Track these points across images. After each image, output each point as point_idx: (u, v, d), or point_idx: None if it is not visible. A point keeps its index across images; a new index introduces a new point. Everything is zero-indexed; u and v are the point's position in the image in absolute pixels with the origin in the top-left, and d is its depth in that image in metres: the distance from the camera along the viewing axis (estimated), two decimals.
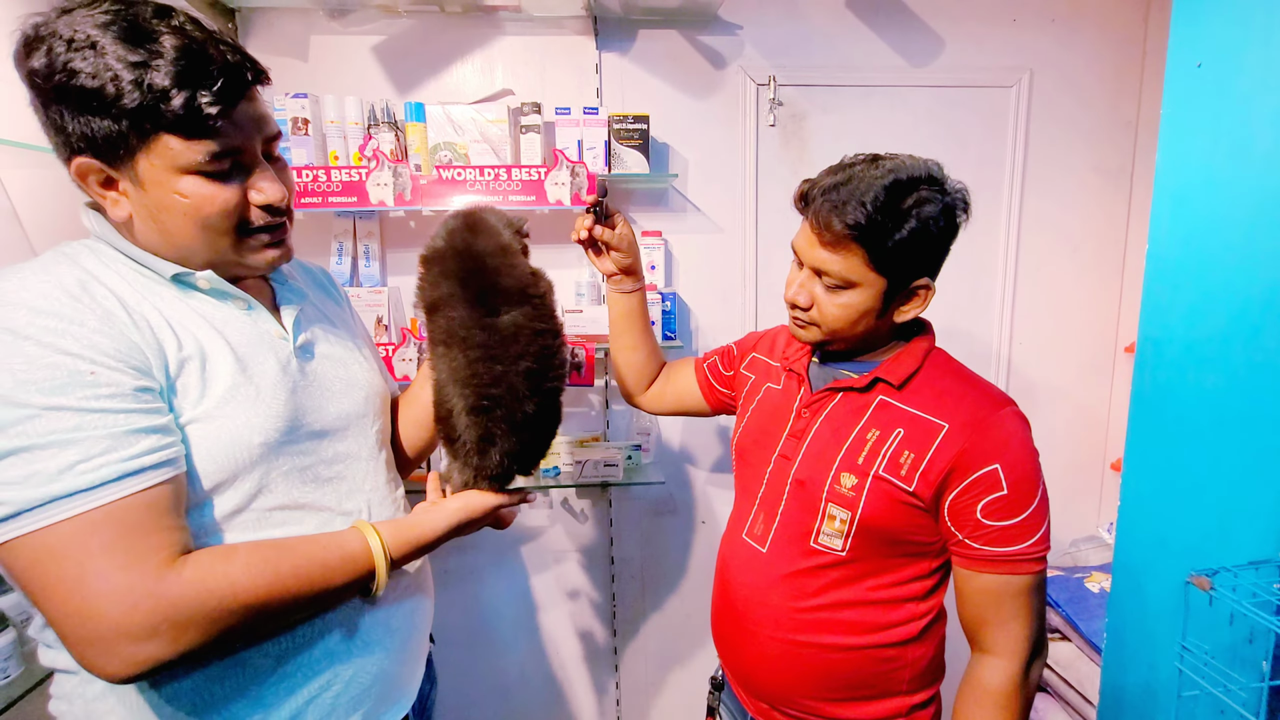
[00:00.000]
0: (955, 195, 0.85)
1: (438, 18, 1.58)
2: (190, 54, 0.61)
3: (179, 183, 0.64)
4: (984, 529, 0.83)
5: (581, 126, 1.53)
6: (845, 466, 0.88)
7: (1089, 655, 1.51)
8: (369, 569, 0.70)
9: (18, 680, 1.01)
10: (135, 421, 0.59)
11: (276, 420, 0.70)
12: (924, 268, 0.87)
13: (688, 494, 1.84)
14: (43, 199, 1.31)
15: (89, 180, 0.65)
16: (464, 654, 1.84)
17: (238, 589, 0.61)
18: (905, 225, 0.81)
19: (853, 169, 0.85)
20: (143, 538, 0.58)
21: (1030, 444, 0.86)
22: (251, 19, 1.55)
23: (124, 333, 0.61)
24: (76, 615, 0.56)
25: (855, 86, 1.69)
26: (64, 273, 0.63)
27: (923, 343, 0.94)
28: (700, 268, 1.75)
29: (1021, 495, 0.83)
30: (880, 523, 0.87)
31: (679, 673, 1.92)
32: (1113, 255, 1.80)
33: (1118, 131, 1.74)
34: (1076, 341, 1.83)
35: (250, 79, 0.66)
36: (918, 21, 1.68)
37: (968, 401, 0.87)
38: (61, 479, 0.55)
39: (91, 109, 0.60)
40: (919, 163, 0.84)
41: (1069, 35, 1.69)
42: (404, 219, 1.65)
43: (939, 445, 0.84)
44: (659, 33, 1.64)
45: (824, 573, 0.91)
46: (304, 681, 0.72)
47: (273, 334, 0.75)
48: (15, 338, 0.56)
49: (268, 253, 0.73)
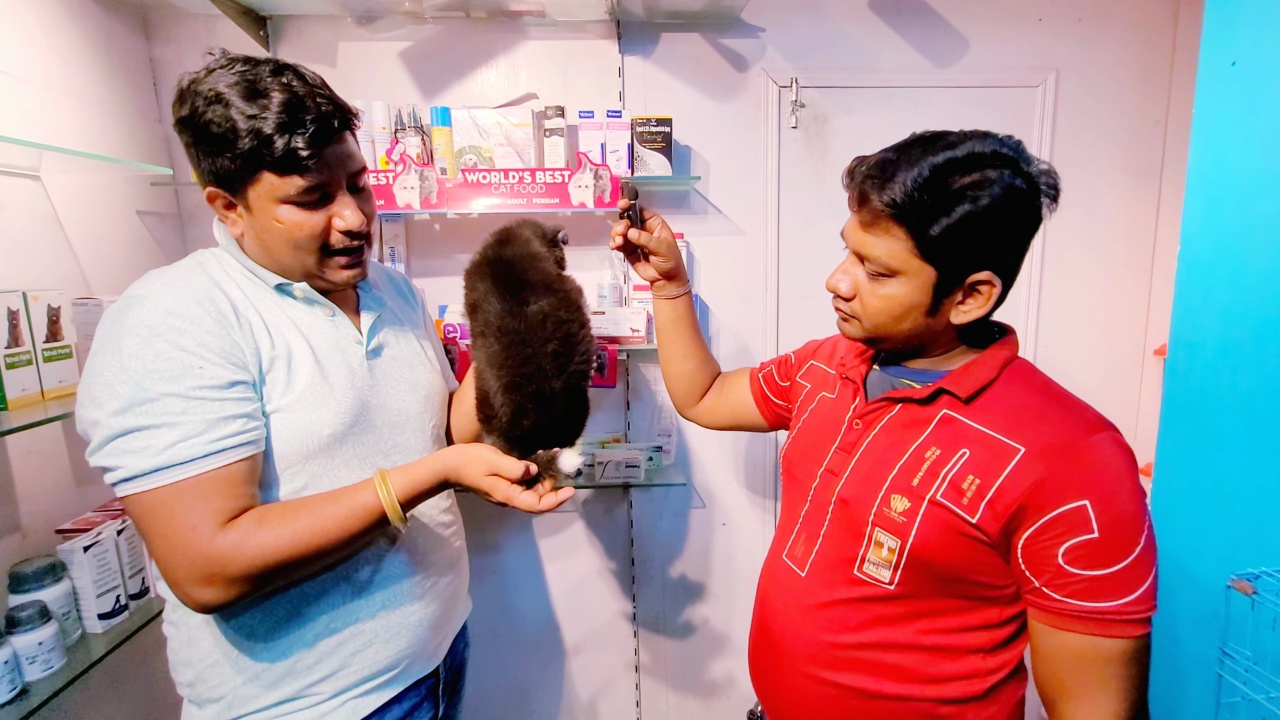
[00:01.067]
0: (1033, 177, 0.72)
1: (463, 23, 1.61)
2: (290, 107, 0.74)
3: (277, 210, 0.78)
4: (1068, 578, 0.69)
5: (605, 129, 1.54)
6: (897, 488, 0.77)
7: None
8: (380, 513, 0.78)
9: (60, 671, 1.04)
10: (227, 409, 0.73)
11: (344, 415, 0.83)
12: (984, 259, 0.73)
13: (710, 496, 1.84)
14: (82, 203, 1.34)
15: (216, 203, 0.80)
16: (484, 651, 1.86)
17: (265, 549, 0.72)
18: (956, 208, 0.70)
19: (910, 144, 0.75)
20: (212, 504, 0.71)
21: (1132, 478, 0.70)
22: (283, 26, 1.59)
23: (230, 334, 0.76)
24: (162, 561, 0.72)
25: (878, 88, 1.69)
26: (194, 280, 0.78)
27: (1001, 351, 0.80)
28: (721, 270, 1.75)
29: (1117, 539, 0.68)
30: (935, 556, 0.74)
31: (699, 675, 1.92)
32: (1141, 257, 1.77)
33: (1146, 131, 1.72)
34: (1103, 344, 1.80)
35: (338, 125, 0.78)
36: (941, 22, 1.67)
37: (1052, 422, 0.72)
38: (165, 453, 0.70)
39: (218, 150, 0.75)
40: (986, 138, 0.73)
41: (1096, 34, 1.68)
42: (429, 222, 1.67)
43: (1011, 472, 0.71)
44: (681, 35, 1.65)
45: (868, 606, 0.80)
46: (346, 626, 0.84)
47: (350, 339, 0.88)
48: (152, 334, 0.71)
49: (345, 272, 0.85)
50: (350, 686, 0.85)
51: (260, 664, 0.81)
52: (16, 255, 1.18)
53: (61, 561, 1.11)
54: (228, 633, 0.81)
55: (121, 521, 1.21)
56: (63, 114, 1.31)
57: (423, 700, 0.95)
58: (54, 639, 1.04)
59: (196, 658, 0.82)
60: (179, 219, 1.64)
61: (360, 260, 0.86)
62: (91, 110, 1.38)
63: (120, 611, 1.18)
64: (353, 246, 0.84)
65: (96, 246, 1.37)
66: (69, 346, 1.15)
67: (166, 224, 1.60)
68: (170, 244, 1.60)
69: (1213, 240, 1.12)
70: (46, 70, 1.28)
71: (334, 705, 0.84)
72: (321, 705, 0.84)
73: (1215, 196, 1.09)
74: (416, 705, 0.94)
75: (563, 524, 1.83)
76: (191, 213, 1.64)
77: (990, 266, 0.73)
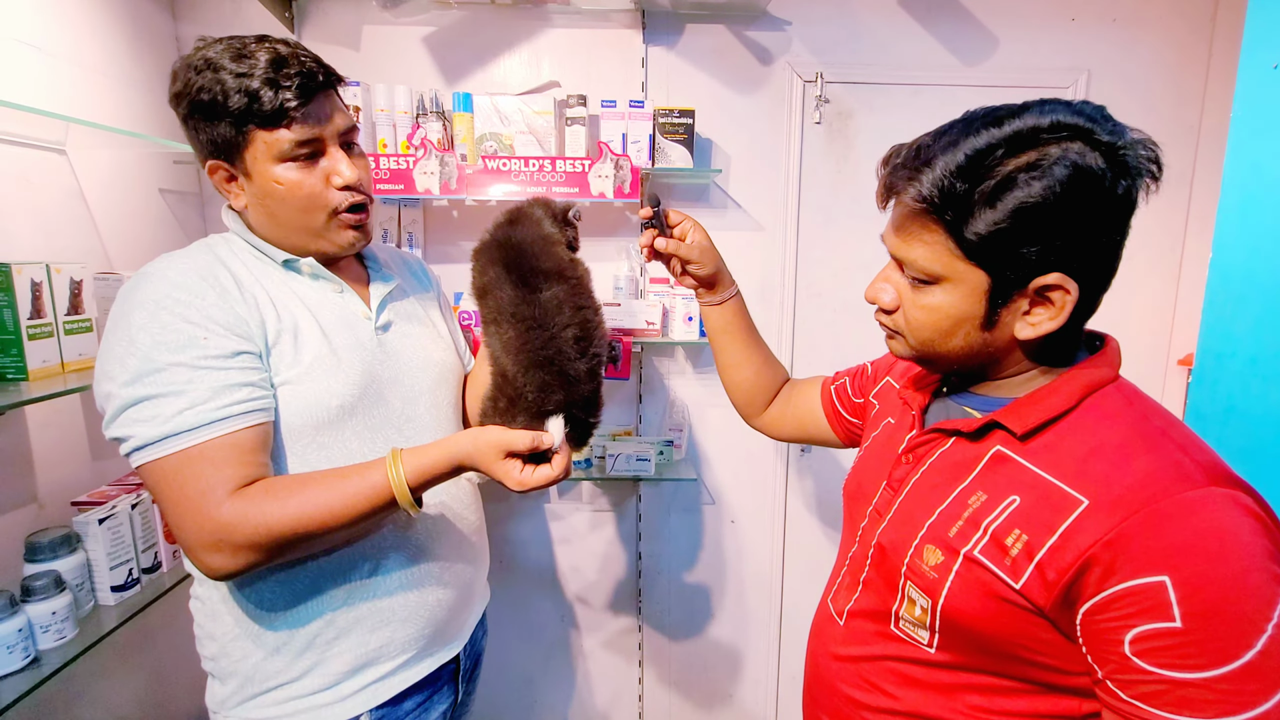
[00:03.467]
0: (1115, 150, 0.56)
1: (487, 9, 1.60)
2: (276, 63, 0.76)
3: (274, 171, 0.78)
4: (1138, 675, 0.52)
5: (626, 120, 1.53)
6: (932, 537, 0.65)
7: None
8: (390, 496, 0.76)
9: (73, 641, 1.05)
10: (232, 378, 0.74)
11: (352, 387, 0.83)
12: (1052, 258, 0.58)
13: (719, 492, 1.84)
14: (106, 179, 1.35)
15: (217, 177, 0.81)
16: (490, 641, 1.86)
17: (270, 519, 0.72)
18: (1004, 196, 0.56)
19: (954, 124, 0.61)
20: (222, 470, 0.72)
21: (1249, 555, 0.51)
22: (308, 8, 1.59)
23: (234, 307, 0.76)
24: (175, 527, 0.73)
25: (904, 85, 1.66)
26: (200, 258, 0.79)
27: (1084, 373, 0.64)
28: (739, 265, 1.71)
29: (1212, 635, 0.50)
30: (970, 623, 0.62)
31: (703, 670, 1.92)
32: (1168, 265, 1.74)
33: (1179, 137, 1.68)
34: (1127, 352, 1.73)
35: (323, 80, 0.79)
36: (971, 19, 1.64)
37: (1134, 468, 0.56)
38: (172, 421, 0.71)
39: (210, 116, 0.76)
40: (1050, 107, 0.58)
41: (1130, 35, 1.64)
42: (447, 208, 1.67)
43: (1069, 529, 0.56)
44: (706, 27, 1.63)
45: (906, 668, 0.68)
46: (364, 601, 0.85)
47: (358, 313, 0.88)
48: (158, 308, 0.73)
49: (349, 233, 0.85)
50: (368, 663, 0.85)
51: (280, 636, 0.82)
52: (41, 228, 1.19)
53: (76, 533, 1.12)
54: (248, 607, 0.82)
55: (136, 495, 1.22)
56: (89, 89, 1.32)
57: (443, 685, 0.95)
58: (67, 609, 1.05)
59: (220, 631, 0.83)
60: (200, 198, 1.65)
61: (363, 224, 0.86)
62: (117, 87, 1.39)
63: (133, 585, 1.19)
64: (357, 202, 0.84)
65: (119, 222, 1.38)
66: (89, 320, 1.16)
67: (187, 202, 1.61)
68: (191, 222, 1.61)
69: (1246, 248, 1.09)
70: (75, 45, 1.28)
71: (354, 687, 0.84)
72: (341, 686, 0.84)
73: (1251, 203, 1.06)
74: (436, 690, 0.94)
75: (571, 516, 1.83)
76: (211, 193, 1.65)
77: (1061, 267, 0.58)
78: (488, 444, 0.78)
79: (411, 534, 0.88)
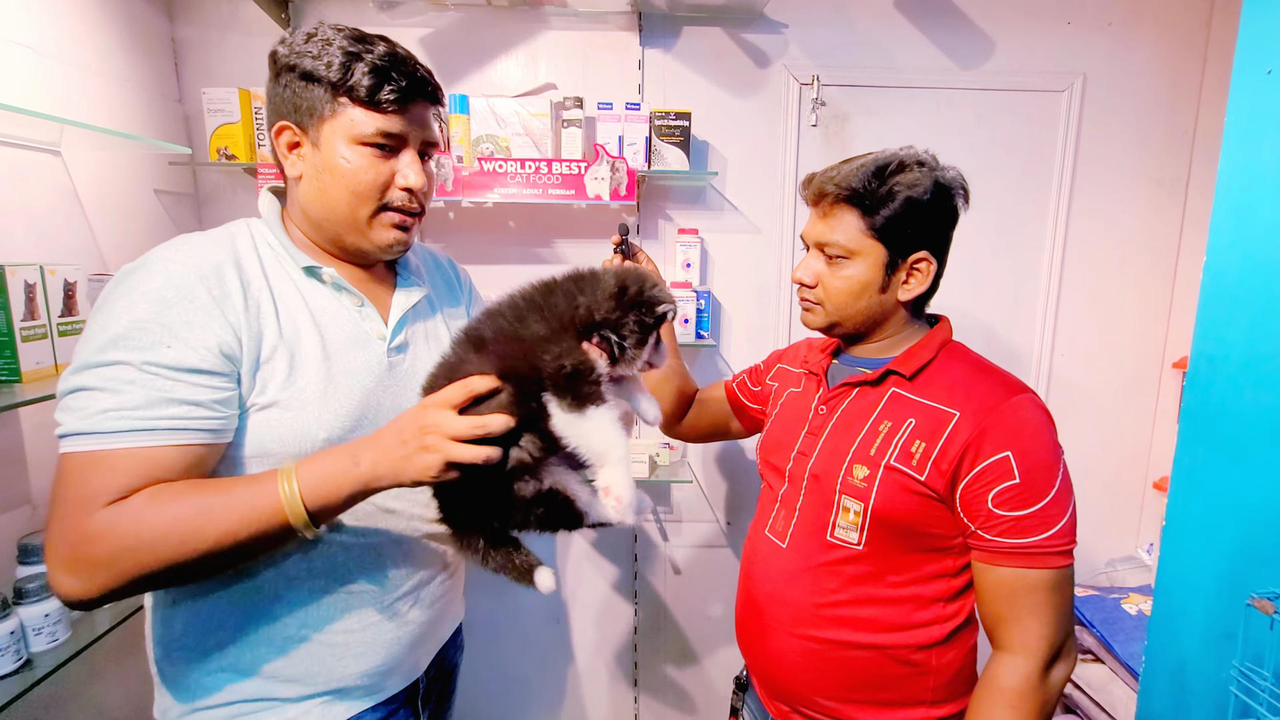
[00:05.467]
0: (949, 179, 0.89)
1: (484, 11, 1.60)
2: (392, 57, 0.76)
3: (347, 149, 0.76)
4: (996, 519, 0.82)
5: (623, 122, 1.53)
6: (857, 458, 0.89)
7: (1124, 679, 1.47)
8: (284, 522, 0.66)
9: (65, 644, 1.05)
10: (177, 392, 0.66)
11: (344, 419, 0.76)
12: (923, 240, 0.88)
13: (715, 493, 1.83)
14: (101, 180, 1.35)
15: (282, 138, 0.78)
16: (485, 642, 1.86)
17: (142, 531, 0.63)
18: (897, 194, 0.86)
19: (850, 159, 0.91)
20: (117, 480, 0.64)
21: (1047, 432, 0.84)
22: (304, 9, 1.59)
23: (226, 315, 0.70)
24: (46, 533, 0.66)
25: (901, 88, 1.67)
26: (212, 253, 0.73)
27: (938, 334, 0.94)
28: (736, 267, 1.74)
29: (1035, 484, 0.81)
30: (894, 514, 0.86)
31: (700, 671, 1.91)
32: (1163, 268, 1.74)
33: (1174, 140, 1.69)
34: (1121, 355, 1.77)
35: (429, 92, 0.79)
36: (968, 23, 1.64)
37: (980, 389, 0.86)
38: (93, 419, 0.64)
39: (308, 77, 0.74)
40: (911, 151, 0.90)
41: (1126, 39, 1.65)
42: (444, 210, 1.67)
43: (950, 433, 0.83)
44: (703, 30, 1.63)
45: (843, 568, 0.90)
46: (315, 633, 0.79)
47: (373, 333, 0.82)
48: (140, 299, 0.67)
49: (394, 233, 0.81)
50: (318, 694, 0.80)
51: (227, 656, 0.77)
52: (35, 229, 1.18)
53: None
54: (197, 620, 0.76)
55: None
56: (85, 91, 1.32)
57: (398, 709, 0.88)
58: (60, 612, 1.05)
59: (169, 638, 0.78)
60: (195, 199, 1.64)
61: (409, 227, 0.82)
62: (113, 88, 1.39)
63: None
64: (410, 208, 0.81)
65: (114, 223, 1.38)
66: (84, 322, 1.16)
67: (183, 204, 1.60)
68: (186, 223, 1.61)
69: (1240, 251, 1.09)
70: (70, 47, 1.28)
71: (300, 711, 0.79)
72: (288, 708, 0.79)
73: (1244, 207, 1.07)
74: (391, 714, 0.87)
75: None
76: (208, 194, 1.65)
77: (926, 247, 0.89)
78: (399, 428, 0.67)
79: (361, 557, 0.81)
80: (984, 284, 1.75)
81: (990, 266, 1.74)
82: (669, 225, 1.70)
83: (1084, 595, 1.64)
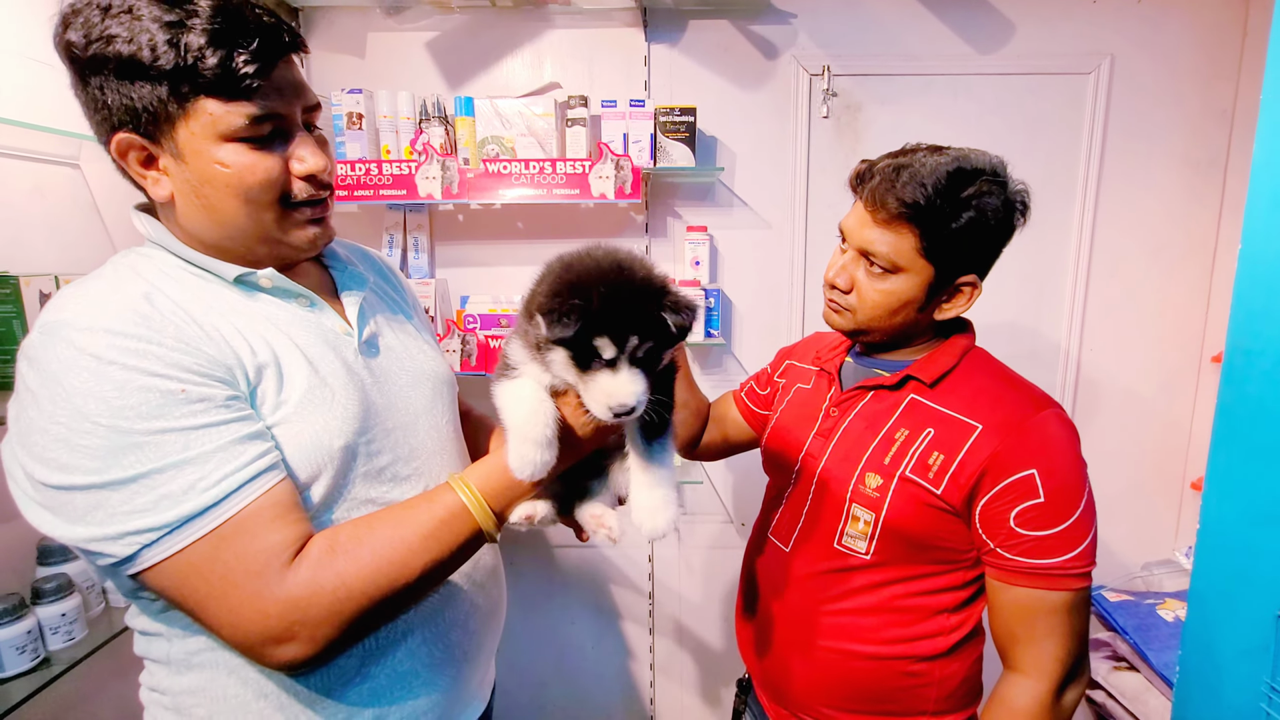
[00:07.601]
0: (1016, 194, 0.82)
1: (489, 12, 1.60)
2: (226, 14, 0.59)
3: (219, 151, 0.61)
4: (1017, 538, 0.79)
5: (628, 119, 1.51)
6: (871, 466, 0.85)
7: (1159, 688, 1.40)
8: (471, 520, 0.66)
9: (82, 642, 1.08)
10: (237, 430, 0.60)
11: (352, 421, 0.69)
12: (974, 263, 0.83)
13: (728, 495, 1.81)
14: (119, 193, 1.38)
15: (129, 159, 0.63)
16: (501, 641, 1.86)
17: (348, 579, 0.60)
18: (964, 213, 0.79)
19: (915, 154, 0.82)
20: (268, 539, 0.59)
21: (1073, 450, 0.81)
22: (314, 17, 1.61)
23: (200, 347, 0.61)
24: (228, 627, 0.59)
25: (915, 75, 1.61)
26: (129, 289, 0.61)
27: (961, 340, 0.90)
28: (746, 264, 1.70)
29: (1060, 504, 0.78)
30: (906, 526, 0.83)
31: (714, 673, 1.89)
32: (1201, 256, 1.65)
33: (1210, 121, 1.59)
34: (1157, 348, 1.69)
35: (287, 42, 0.63)
36: (985, 5, 1.58)
37: (1005, 402, 0.83)
38: (188, 499, 0.56)
39: (130, 75, 0.58)
40: (984, 155, 0.82)
41: (1157, 16, 1.56)
42: (453, 212, 1.68)
43: (971, 447, 0.80)
44: (710, 23, 1.61)
45: (848, 576, 0.87)
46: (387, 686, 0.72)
47: (337, 330, 0.73)
48: (100, 363, 0.56)
49: (310, 229, 0.70)
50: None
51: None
52: (54, 240, 1.22)
53: None
54: (237, 692, 0.67)
55: None
56: None
57: None
58: (77, 611, 1.08)
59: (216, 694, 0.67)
60: None
61: (324, 217, 0.71)
62: None
63: None
64: (317, 197, 0.68)
65: (132, 235, 1.41)
66: None
67: None
68: None
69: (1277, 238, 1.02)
70: None
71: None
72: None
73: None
74: None
75: None
76: None
77: (976, 269, 0.83)
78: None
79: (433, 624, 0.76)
80: (1006, 277, 1.67)
81: (1012, 258, 1.65)
82: (678, 223, 1.68)
83: (1117, 600, 1.57)
